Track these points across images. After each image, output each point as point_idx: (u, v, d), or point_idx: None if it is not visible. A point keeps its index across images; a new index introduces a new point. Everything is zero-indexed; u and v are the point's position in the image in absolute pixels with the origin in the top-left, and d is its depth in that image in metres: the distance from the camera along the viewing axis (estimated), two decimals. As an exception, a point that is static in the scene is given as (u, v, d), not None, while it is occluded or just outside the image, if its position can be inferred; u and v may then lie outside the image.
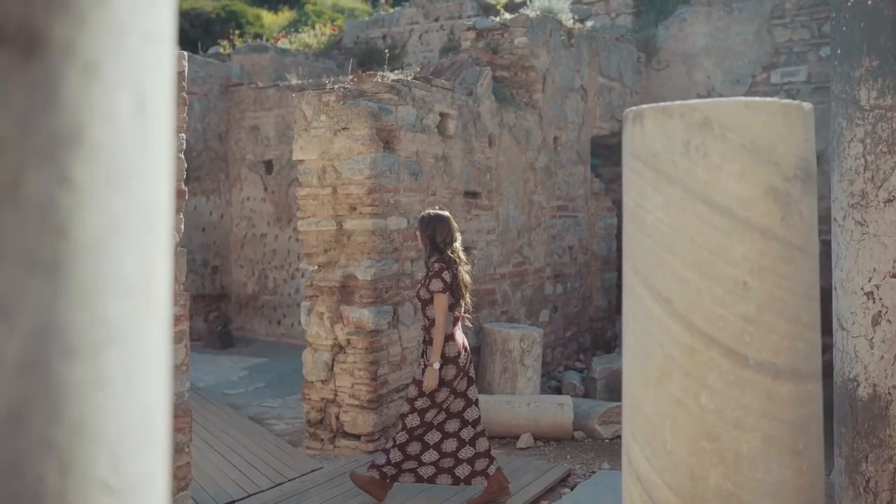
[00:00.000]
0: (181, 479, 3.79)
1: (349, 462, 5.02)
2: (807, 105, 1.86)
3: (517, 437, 5.54)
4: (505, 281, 6.78)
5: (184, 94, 3.75)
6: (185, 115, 3.75)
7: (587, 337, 8.34)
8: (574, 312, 8.07)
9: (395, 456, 4.22)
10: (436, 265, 4.24)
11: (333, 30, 14.96)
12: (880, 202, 3.14)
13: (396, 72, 6.00)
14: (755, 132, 1.78)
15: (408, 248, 5.52)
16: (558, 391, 6.94)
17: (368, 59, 13.57)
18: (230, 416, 6.23)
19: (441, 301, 4.16)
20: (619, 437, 5.53)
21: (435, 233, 4.27)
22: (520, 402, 5.63)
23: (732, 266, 1.79)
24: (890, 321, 3.13)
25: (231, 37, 14.12)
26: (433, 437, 4.27)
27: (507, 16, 7.34)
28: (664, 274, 1.87)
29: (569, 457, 5.28)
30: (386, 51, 11.02)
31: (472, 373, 4.39)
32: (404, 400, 4.60)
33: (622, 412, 2.12)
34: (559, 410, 5.57)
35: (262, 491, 4.47)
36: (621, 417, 5.28)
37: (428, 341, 4.29)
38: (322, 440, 5.38)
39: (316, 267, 5.38)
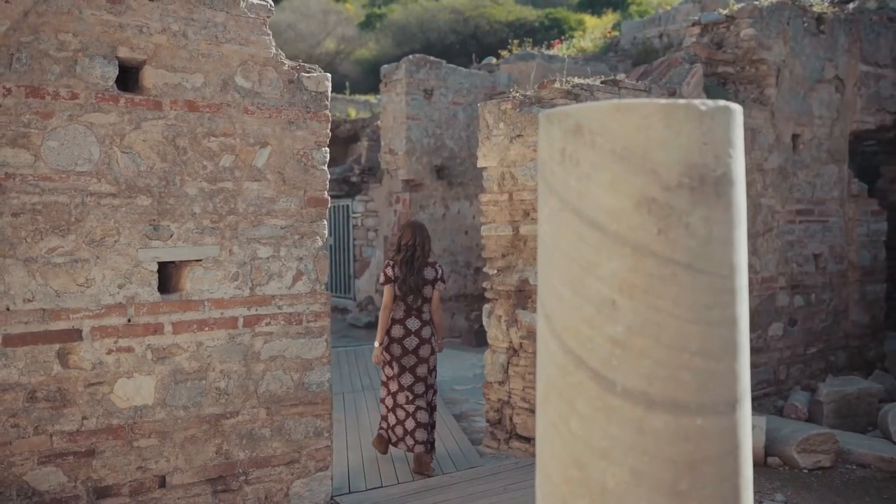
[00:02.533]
0: (320, 461, 4.21)
1: (508, 463, 5.11)
2: (707, 103, 1.65)
3: (701, 458, 5.18)
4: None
5: (326, 111, 4.15)
6: (327, 130, 4.14)
7: (840, 356, 7.40)
8: (820, 328, 7.22)
9: (383, 424, 5.29)
10: (388, 261, 5.31)
11: (609, 32, 14.85)
12: None
13: (590, 78, 5.92)
14: (627, 138, 1.64)
15: (587, 254, 5.43)
16: (781, 412, 6.31)
17: (644, 59, 13.27)
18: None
19: (384, 290, 5.19)
20: (821, 467, 4.95)
21: (401, 237, 5.28)
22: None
23: (601, 283, 1.66)
24: None
25: (510, 46, 14.67)
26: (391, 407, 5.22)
27: (736, 6, 6.80)
28: (546, 290, 1.79)
29: (749, 485, 4.81)
30: (659, 49, 10.74)
31: (422, 353, 5.13)
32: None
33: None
34: (749, 434, 5.09)
35: (409, 482, 4.75)
36: (825, 446, 4.73)
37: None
38: (498, 440, 5.52)
39: (495, 271, 5.53)
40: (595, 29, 21.95)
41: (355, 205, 13.73)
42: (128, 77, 3.73)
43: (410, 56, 11.02)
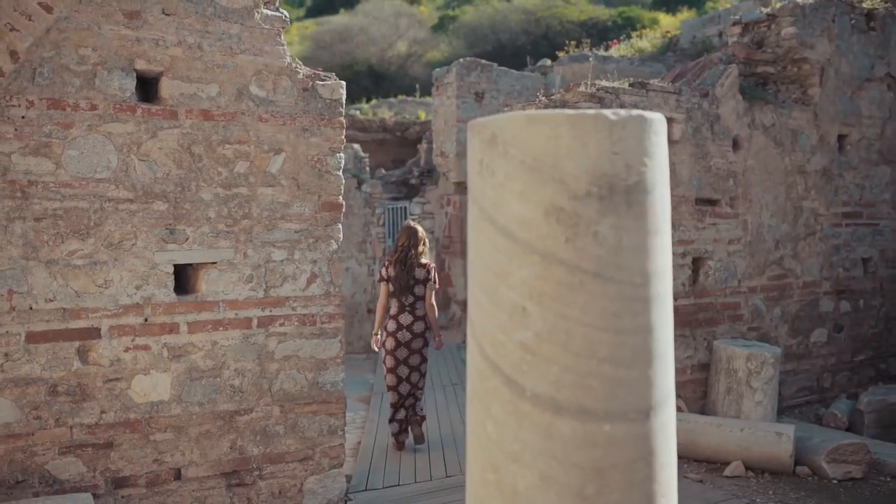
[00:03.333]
0: (334, 458, 4.32)
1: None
2: (619, 112, 1.67)
3: (728, 464, 5.09)
4: (755, 295, 6.19)
5: (340, 118, 4.26)
6: (342, 137, 4.25)
7: (893, 364, 7.13)
8: (870, 334, 6.97)
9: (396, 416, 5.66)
10: (385, 261, 5.73)
11: (667, 32, 14.60)
12: None
13: (618, 81, 5.88)
14: (537, 148, 1.68)
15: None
16: (820, 421, 6.13)
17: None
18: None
19: (381, 287, 5.61)
20: (851, 479, 4.81)
21: (398, 239, 5.67)
22: (732, 425, 5.15)
23: (513, 290, 1.70)
24: None
25: (566, 47, 14.58)
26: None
27: (778, 4, 6.63)
28: (470, 296, 1.84)
29: (772, 493, 4.72)
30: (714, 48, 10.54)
31: (414, 346, 5.54)
32: None
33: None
34: (775, 440, 4.98)
35: (427, 481, 4.82)
36: (856, 456, 4.62)
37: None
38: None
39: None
40: (670, 27, 21.63)
41: (412, 206, 13.87)
42: (149, 88, 3.91)
43: (461, 59, 11.09)
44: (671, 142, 5.70)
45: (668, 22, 24.35)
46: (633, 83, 5.66)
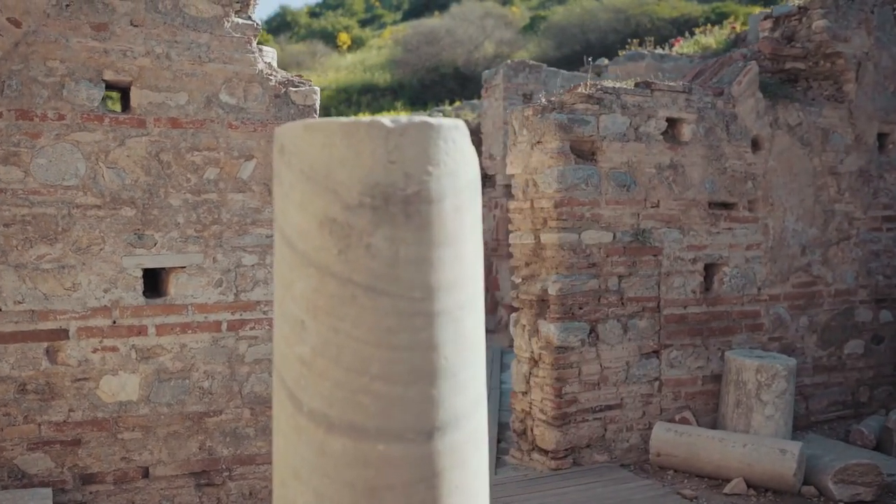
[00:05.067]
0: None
1: (516, 475, 5.03)
2: (398, 120, 1.61)
3: (729, 480, 4.85)
4: (778, 304, 5.88)
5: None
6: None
7: (943, 379, 6.64)
8: (915, 347, 6.51)
9: None
10: None
11: (734, 28, 14.05)
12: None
13: (627, 80, 5.70)
14: (313, 157, 1.64)
15: (613, 263, 5.24)
16: (846, 438, 5.77)
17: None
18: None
19: None
20: (860, 501, 4.52)
21: None
22: (735, 440, 4.90)
23: (294, 303, 1.67)
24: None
25: (628, 45, 14.23)
26: None
27: (812, -4, 6.28)
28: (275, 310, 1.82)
29: (769, 514, 4.47)
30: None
31: None
32: None
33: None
34: (779, 458, 4.71)
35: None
36: (866, 478, 4.38)
37: None
38: (522, 451, 5.44)
39: (520, 279, 5.46)
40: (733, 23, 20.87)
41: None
42: (126, 97, 4.04)
43: (509, 61, 11.00)
44: (680, 143, 5.48)
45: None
46: (638, 83, 5.47)
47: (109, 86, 3.94)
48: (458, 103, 23.70)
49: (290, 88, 4.27)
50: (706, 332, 5.59)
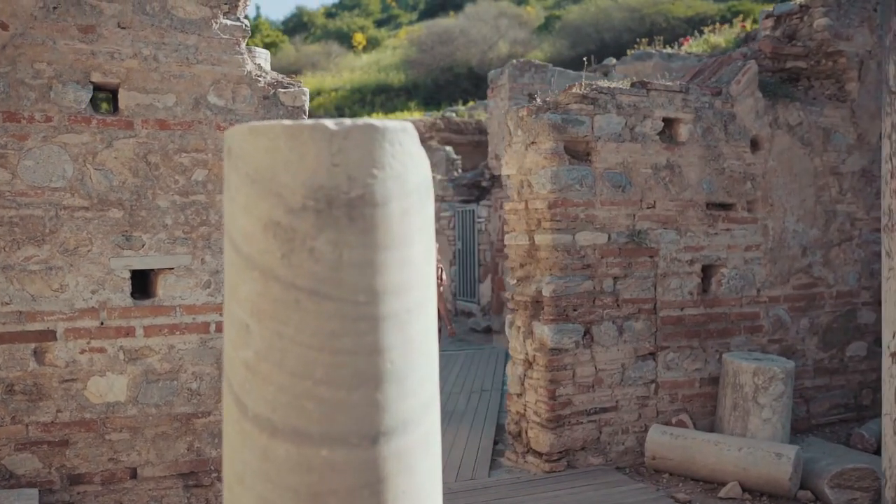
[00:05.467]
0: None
1: (508, 478, 5.01)
2: (342, 122, 1.60)
3: (725, 484, 4.81)
4: (778, 305, 5.81)
5: (303, 126, 4.27)
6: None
7: (949, 382, 6.54)
8: (920, 350, 6.41)
9: None
10: None
11: (744, 26, 13.94)
12: (904, 225, 2.18)
13: (621, 80, 5.65)
14: (258, 160, 1.63)
15: (608, 264, 5.20)
16: (847, 442, 5.70)
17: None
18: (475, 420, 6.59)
19: None
20: (855, 508, 4.45)
21: None
22: (730, 443, 4.86)
23: (239, 307, 1.66)
24: (912, 399, 2.15)
25: (637, 45, 14.16)
26: None
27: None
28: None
29: (762, 519, 4.42)
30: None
31: None
32: None
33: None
34: (774, 462, 4.66)
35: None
36: (863, 483, 4.32)
37: None
38: (517, 453, 5.41)
39: (515, 281, 5.43)
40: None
41: (480, 209, 13.86)
42: (115, 98, 4.05)
43: (514, 60, 10.96)
44: (677, 143, 5.44)
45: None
46: (634, 83, 5.43)
47: (98, 88, 3.95)
48: (471, 103, 23.64)
49: (280, 90, 4.26)
50: (704, 334, 5.54)
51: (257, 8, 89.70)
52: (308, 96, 4.34)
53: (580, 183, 5.09)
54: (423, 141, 21.11)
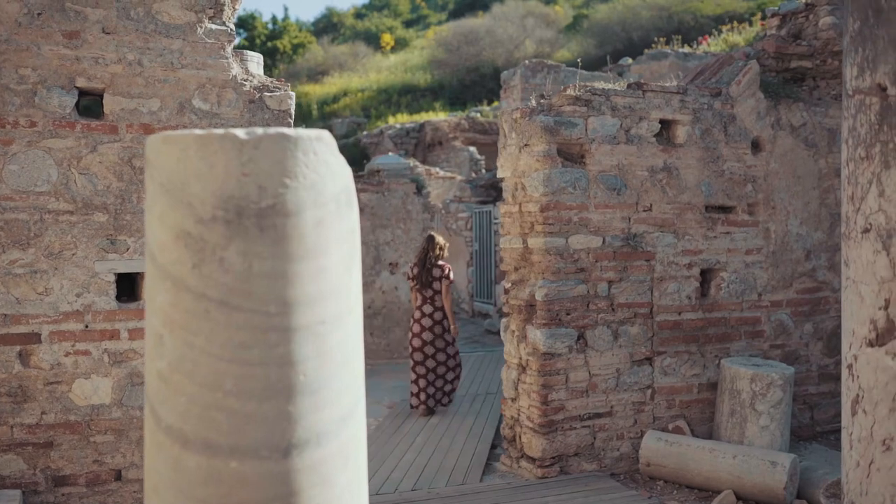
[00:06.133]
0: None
1: (499, 483, 4.97)
2: (253, 132, 1.58)
3: (719, 492, 4.73)
4: (780, 310, 5.71)
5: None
6: (290, 148, 4.26)
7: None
8: (930, 355, 6.26)
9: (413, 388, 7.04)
10: (412, 263, 7.12)
11: (763, 25, 13.73)
12: (858, 232, 2.12)
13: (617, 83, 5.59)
14: (171, 170, 1.62)
15: (603, 268, 5.14)
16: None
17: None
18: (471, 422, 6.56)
19: (410, 286, 7.05)
20: (850, 520, 4.35)
21: (421, 245, 7.15)
22: (725, 451, 4.77)
23: (154, 317, 1.65)
24: (866, 411, 2.09)
25: (655, 44, 14.01)
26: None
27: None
28: (145, 320, 1.80)
29: (753, 529, 4.33)
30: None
31: (435, 331, 6.95)
32: None
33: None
34: (769, 470, 4.57)
35: (409, 491, 4.77)
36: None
37: None
38: (511, 458, 5.37)
39: (510, 284, 5.39)
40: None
41: (496, 210, 13.82)
42: (100, 102, 4.09)
43: (526, 61, 10.90)
44: (675, 145, 5.36)
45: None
46: (630, 84, 5.36)
47: (84, 93, 3.99)
48: (496, 103, 23.57)
49: (266, 93, 4.27)
50: (703, 339, 5.46)
51: (285, 9, 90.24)
52: (294, 100, 4.34)
53: (573, 186, 5.04)
54: (447, 141, 21.11)
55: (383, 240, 10.11)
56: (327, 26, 49.59)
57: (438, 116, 22.67)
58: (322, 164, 1.66)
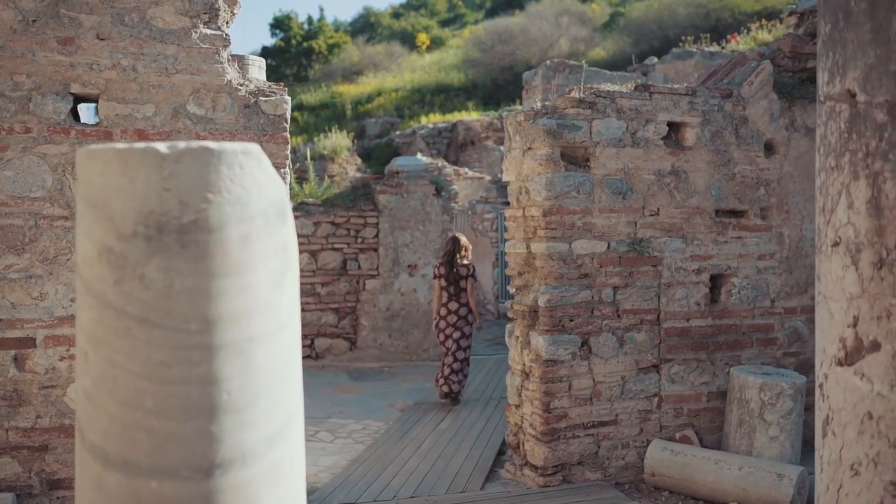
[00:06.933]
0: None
1: (500, 492, 4.91)
2: (176, 146, 1.55)
3: (724, 506, 4.62)
4: (794, 317, 5.56)
5: (284, 134, 4.27)
6: (286, 152, 4.27)
7: None
8: (954, 364, 6.05)
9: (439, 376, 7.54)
10: (438, 262, 7.74)
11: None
12: (828, 246, 2.03)
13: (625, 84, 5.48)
14: (94, 184, 1.59)
15: (607, 273, 5.05)
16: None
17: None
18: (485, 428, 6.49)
19: (435, 283, 7.54)
20: (858, 536, 4.22)
21: (446, 245, 7.67)
22: (731, 462, 4.66)
23: (81, 333, 1.63)
24: (835, 433, 2.00)
25: (682, 43, 13.78)
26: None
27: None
28: (80, 335, 1.78)
29: (755, 544, 4.21)
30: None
31: (458, 325, 7.45)
32: None
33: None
34: (775, 483, 4.45)
35: (407, 498, 4.73)
36: None
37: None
38: (515, 465, 5.30)
39: (514, 289, 5.33)
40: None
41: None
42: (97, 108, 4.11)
43: (548, 61, 10.80)
44: (683, 148, 5.24)
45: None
46: (637, 86, 5.26)
47: (79, 98, 4.01)
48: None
49: (261, 98, 4.26)
50: (712, 347, 5.34)
51: (320, 10, 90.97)
52: (290, 105, 4.32)
53: (577, 190, 4.96)
54: (479, 141, 21.03)
55: (402, 241, 10.08)
56: (365, 26, 49.80)
57: (471, 116, 22.59)
58: (248, 178, 1.62)
